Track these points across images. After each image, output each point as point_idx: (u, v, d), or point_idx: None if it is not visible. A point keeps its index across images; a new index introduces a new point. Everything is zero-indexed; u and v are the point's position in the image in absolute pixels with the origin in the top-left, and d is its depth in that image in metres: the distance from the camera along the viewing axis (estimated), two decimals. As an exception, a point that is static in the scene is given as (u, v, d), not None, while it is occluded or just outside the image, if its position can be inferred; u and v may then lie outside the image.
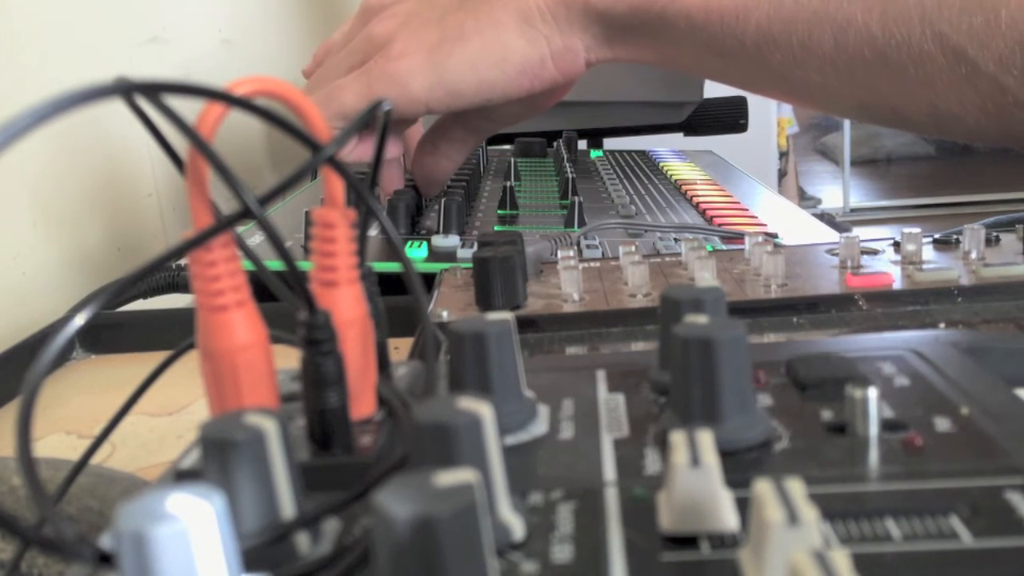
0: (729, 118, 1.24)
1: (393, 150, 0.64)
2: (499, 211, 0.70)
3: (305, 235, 0.58)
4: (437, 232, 0.60)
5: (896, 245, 0.47)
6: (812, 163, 5.02)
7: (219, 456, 0.18)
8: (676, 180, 0.85)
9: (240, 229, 0.24)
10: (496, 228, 0.66)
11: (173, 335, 0.29)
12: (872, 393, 0.23)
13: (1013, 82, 0.45)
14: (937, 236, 0.48)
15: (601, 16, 0.56)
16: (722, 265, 0.45)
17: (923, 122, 0.52)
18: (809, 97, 0.56)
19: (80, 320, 0.19)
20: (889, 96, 0.51)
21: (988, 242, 0.46)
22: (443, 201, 0.61)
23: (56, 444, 0.42)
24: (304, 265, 0.22)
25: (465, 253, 0.55)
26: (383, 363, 0.26)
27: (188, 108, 0.20)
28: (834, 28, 0.50)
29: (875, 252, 0.46)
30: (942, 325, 0.38)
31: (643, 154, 1.04)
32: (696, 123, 1.20)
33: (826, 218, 0.90)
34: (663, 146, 1.12)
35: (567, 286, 0.41)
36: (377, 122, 0.24)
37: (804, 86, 0.54)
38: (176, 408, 0.45)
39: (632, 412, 0.25)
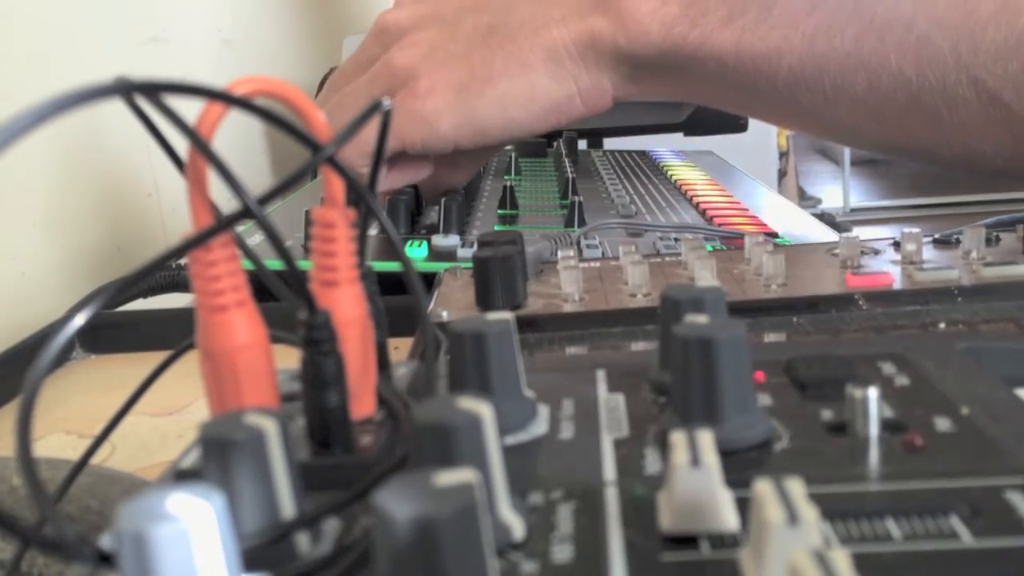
0: (729, 118, 1.23)
1: (421, 174, 0.63)
2: (499, 211, 0.70)
3: (305, 235, 0.58)
4: (437, 231, 0.60)
5: (896, 245, 0.46)
6: (812, 163, 5.01)
7: (219, 456, 0.18)
8: (676, 180, 0.85)
9: (240, 229, 0.24)
10: (496, 228, 0.66)
11: (173, 335, 0.29)
12: (872, 393, 0.23)
13: None
14: (937, 236, 0.47)
15: (629, 57, 0.55)
16: (722, 265, 0.45)
17: (954, 160, 0.52)
18: (839, 135, 0.56)
19: (80, 320, 0.19)
20: (921, 137, 0.51)
21: (988, 242, 0.46)
22: (443, 201, 0.61)
23: (56, 444, 0.42)
24: (304, 265, 0.22)
25: (465, 253, 0.55)
26: (383, 363, 0.26)
27: (188, 108, 0.20)
28: (867, 71, 0.49)
29: (875, 252, 0.46)
30: (942, 325, 0.38)
31: (643, 154, 1.04)
32: (696, 123, 1.19)
33: (826, 218, 0.90)
34: (663, 146, 1.12)
35: (567, 286, 0.41)
36: (383, 131, 0.24)
37: (835, 125, 0.53)
38: (176, 408, 0.45)
39: (632, 412, 0.25)
